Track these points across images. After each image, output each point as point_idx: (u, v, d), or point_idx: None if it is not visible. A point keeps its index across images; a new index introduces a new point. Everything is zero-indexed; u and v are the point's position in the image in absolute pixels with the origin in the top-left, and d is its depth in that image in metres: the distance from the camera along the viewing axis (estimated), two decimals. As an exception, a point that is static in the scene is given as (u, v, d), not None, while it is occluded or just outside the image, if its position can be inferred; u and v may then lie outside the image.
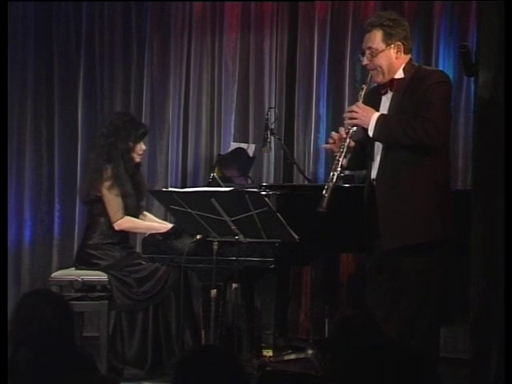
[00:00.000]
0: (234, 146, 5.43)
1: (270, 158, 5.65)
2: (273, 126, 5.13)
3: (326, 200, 3.61)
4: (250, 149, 5.37)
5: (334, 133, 3.81)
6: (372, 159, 3.79)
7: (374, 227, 3.72)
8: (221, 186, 4.59)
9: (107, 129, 4.76)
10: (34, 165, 6.02)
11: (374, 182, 3.77)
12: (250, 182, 5.28)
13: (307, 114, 5.64)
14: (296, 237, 3.85)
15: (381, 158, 3.72)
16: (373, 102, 3.75)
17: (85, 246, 4.67)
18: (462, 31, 5.20)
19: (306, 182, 5.28)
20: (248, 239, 3.95)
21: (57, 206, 5.99)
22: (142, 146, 4.74)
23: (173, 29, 5.86)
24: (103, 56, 5.95)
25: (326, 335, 4.91)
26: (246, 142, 5.57)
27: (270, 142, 5.05)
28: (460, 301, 4.28)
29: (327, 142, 3.85)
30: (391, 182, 3.68)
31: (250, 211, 3.79)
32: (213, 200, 3.81)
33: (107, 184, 4.58)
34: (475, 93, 3.50)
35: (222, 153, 5.48)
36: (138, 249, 5.01)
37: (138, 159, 4.75)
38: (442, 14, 5.27)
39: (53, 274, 4.80)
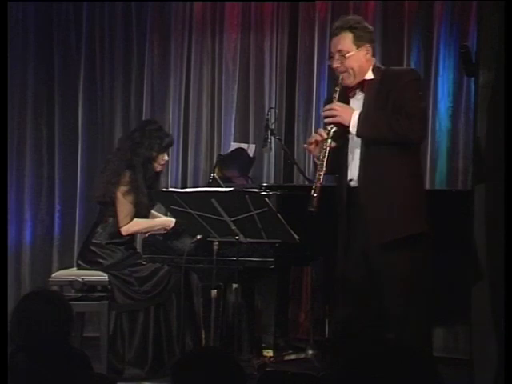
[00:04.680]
0: (234, 146, 5.43)
1: (270, 158, 5.65)
2: (273, 126, 5.13)
3: (316, 199, 3.64)
4: (250, 149, 5.38)
5: (314, 134, 3.82)
6: (346, 160, 3.80)
7: (352, 228, 3.74)
8: (221, 187, 4.59)
9: (134, 134, 4.74)
10: (34, 165, 6.02)
11: (351, 183, 3.77)
12: (250, 182, 5.28)
13: (307, 114, 5.64)
14: (296, 237, 3.85)
15: (361, 157, 3.73)
16: None
17: (90, 243, 4.67)
18: (462, 31, 5.20)
19: (306, 182, 5.28)
20: (248, 239, 3.95)
21: (57, 207, 5.99)
22: (164, 157, 4.72)
23: (173, 29, 5.87)
24: (103, 56, 5.95)
25: (326, 335, 4.91)
26: (246, 142, 5.58)
27: (270, 142, 5.05)
28: (460, 301, 4.28)
29: (308, 144, 3.86)
30: (373, 178, 3.69)
31: (251, 211, 3.79)
32: (213, 200, 3.81)
33: (123, 189, 4.57)
34: (475, 93, 3.50)
35: (222, 153, 5.48)
36: (139, 249, 5.01)
37: (159, 168, 4.74)
38: (442, 13, 5.28)
39: (53, 274, 4.80)
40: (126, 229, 4.62)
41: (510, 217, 3.11)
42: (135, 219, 4.65)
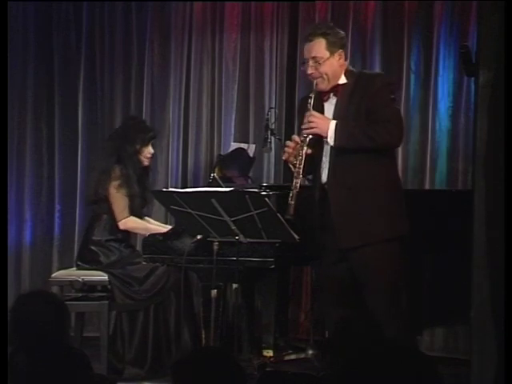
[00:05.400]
0: (234, 146, 5.43)
1: (270, 158, 5.65)
2: (273, 126, 5.13)
3: (292, 207, 3.68)
4: (250, 149, 5.38)
5: (289, 142, 3.84)
6: (320, 162, 3.81)
7: (329, 229, 3.76)
8: (221, 187, 4.59)
9: (117, 131, 4.89)
10: (34, 165, 6.02)
11: (326, 186, 3.79)
12: (250, 182, 5.28)
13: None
14: (296, 237, 3.85)
15: (330, 161, 3.75)
16: (315, 110, 3.78)
17: (88, 242, 4.68)
18: (462, 31, 5.20)
19: (306, 182, 5.27)
20: (248, 239, 3.95)
21: (57, 207, 5.99)
22: (150, 150, 4.77)
23: (173, 29, 5.86)
24: (103, 56, 5.95)
25: (326, 335, 4.91)
26: (246, 142, 5.57)
27: (270, 142, 5.05)
28: (460, 301, 4.28)
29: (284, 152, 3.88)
30: (347, 184, 3.71)
31: (251, 211, 3.79)
32: (213, 200, 3.81)
33: (115, 183, 4.61)
34: (475, 93, 3.50)
35: (222, 153, 5.48)
36: (139, 248, 5.01)
37: (146, 162, 4.78)
38: (442, 13, 5.28)
39: (53, 274, 4.81)
40: (124, 222, 4.63)
41: (510, 217, 3.10)
42: (133, 217, 4.66)
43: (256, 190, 4.16)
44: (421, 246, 4.42)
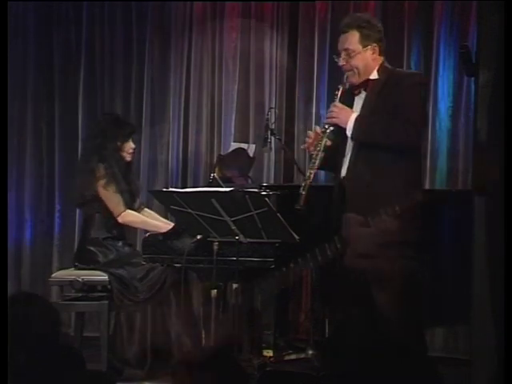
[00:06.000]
0: (234, 146, 5.43)
1: (270, 157, 5.65)
2: (273, 126, 5.13)
3: (303, 198, 3.65)
4: (250, 149, 5.37)
5: (310, 132, 3.82)
6: (343, 157, 3.80)
7: (342, 226, 3.74)
8: (221, 187, 4.59)
9: (94, 130, 4.82)
10: (34, 165, 6.02)
11: (345, 181, 3.77)
12: (250, 182, 5.28)
13: (307, 114, 5.64)
14: (296, 237, 3.85)
15: (351, 156, 3.73)
16: (346, 103, 3.77)
17: (85, 242, 4.67)
18: (462, 31, 5.20)
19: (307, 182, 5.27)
20: (248, 239, 3.95)
21: (57, 206, 5.99)
22: (130, 145, 4.75)
23: (173, 29, 5.86)
24: (103, 56, 5.95)
25: (326, 335, 4.91)
26: (246, 142, 5.57)
27: (270, 142, 5.05)
28: (460, 301, 4.29)
29: (305, 142, 3.86)
30: (365, 181, 3.69)
31: (251, 211, 3.79)
32: (213, 200, 3.81)
33: (102, 182, 4.58)
34: (475, 93, 3.50)
35: (222, 153, 5.48)
36: (138, 247, 5.01)
37: (128, 158, 4.76)
38: (442, 13, 5.28)
39: (53, 274, 4.80)
40: (122, 216, 4.62)
41: (510, 217, 3.10)
42: (130, 211, 4.65)
43: (256, 190, 4.16)
44: (421, 246, 4.42)
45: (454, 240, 4.34)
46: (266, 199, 3.81)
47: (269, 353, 4.65)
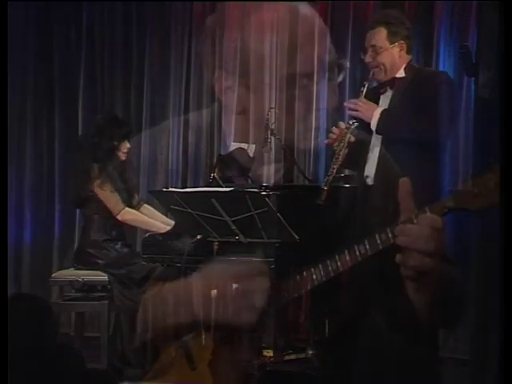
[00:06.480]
0: (234, 146, 5.42)
1: (270, 158, 5.64)
2: (273, 126, 5.12)
3: (325, 193, 3.64)
4: (250, 149, 5.37)
5: (334, 128, 3.82)
6: (366, 154, 3.79)
7: (361, 226, 3.73)
8: (221, 187, 4.59)
9: (90, 129, 4.84)
10: (34, 165, 6.02)
11: (368, 179, 3.76)
12: (250, 182, 5.27)
13: (307, 114, 5.63)
14: (296, 237, 3.84)
15: (379, 155, 3.71)
16: (371, 101, 3.75)
17: (84, 244, 4.68)
18: (462, 31, 5.20)
19: (307, 182, 5.27)
20: (248, 239, 3.94)
21: (57, 206, 5.99)
22: (126, 145, 4.78)
23: (173, 29, 5.86)
24: (103, 56, 5.95)
25: (326, 335, 4.90)
26: (246, 142, 5.57)
27: (270, 142, 5.03)
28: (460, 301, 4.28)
29: (328, 138, 3.85)
30: (388, 180, 3.68)
31: (251, 211, 3.78)
32: (213, 200, 3.80)
33: (98, 182, 4.60)
34: (475, 93, 3.51)
35: (222, 153, 5.47)
36: (138, 248, 5.01)
37: (123, 157, 4.79)
38: (442, 13, 5.28)
39: (53, 274, 4.80)
40: (122, 214, 4.63)
41: (509, 217, 3.10)
42: (129, 209, 4.66)
43: (256, 190, 4.15)
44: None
45: (454, 240, 4.34)
46: (267, 199, 3.80)
47: (269, 353, 4.63)
